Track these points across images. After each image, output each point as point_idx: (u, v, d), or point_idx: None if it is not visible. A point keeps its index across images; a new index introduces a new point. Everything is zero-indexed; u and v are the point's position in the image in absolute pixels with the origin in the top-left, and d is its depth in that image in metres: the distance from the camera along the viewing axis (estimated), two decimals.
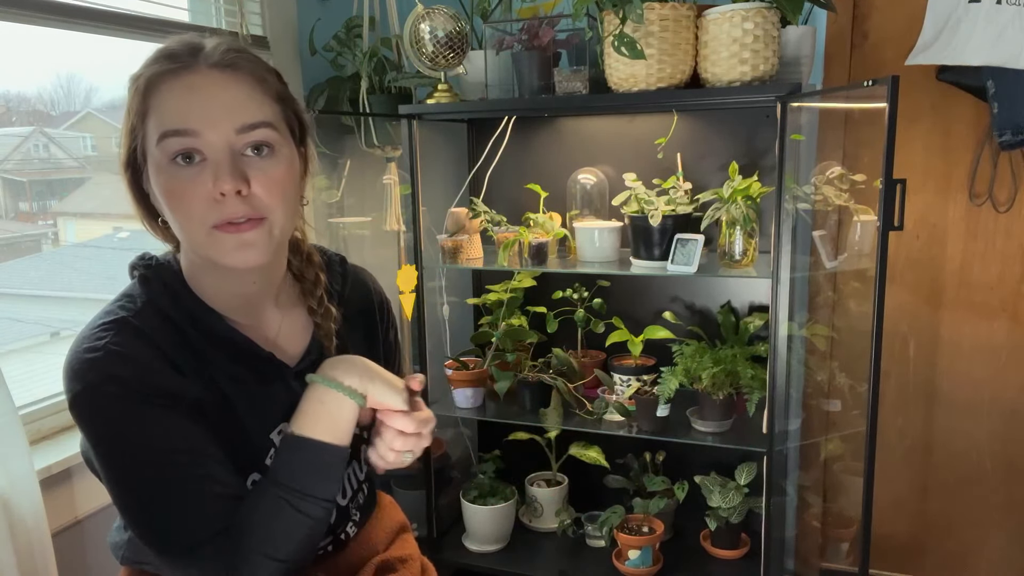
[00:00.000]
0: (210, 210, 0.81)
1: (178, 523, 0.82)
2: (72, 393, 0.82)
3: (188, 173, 0.81)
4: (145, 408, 0.81)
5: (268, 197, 0.83)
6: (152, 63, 0.83)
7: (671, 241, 1.79)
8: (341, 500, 1.01)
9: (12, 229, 1.68)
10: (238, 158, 0.82)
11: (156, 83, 0.82)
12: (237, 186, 0.80)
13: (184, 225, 0.83)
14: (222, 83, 0.82)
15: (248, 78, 0.84)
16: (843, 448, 2.05)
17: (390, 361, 1.09)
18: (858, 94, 1.80)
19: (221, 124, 0.81)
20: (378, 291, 1.11)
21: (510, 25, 1.87)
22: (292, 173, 0.87)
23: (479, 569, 2.05)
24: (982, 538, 2.10)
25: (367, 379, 0.88)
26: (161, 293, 0.89)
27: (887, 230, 1.26)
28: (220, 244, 0.82)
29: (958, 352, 2.05)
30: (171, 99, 0.81)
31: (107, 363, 0.81)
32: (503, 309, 2.07)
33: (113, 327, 0.84)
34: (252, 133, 0.82)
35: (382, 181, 2.02)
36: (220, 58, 0.83)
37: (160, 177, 0.82)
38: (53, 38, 1.50)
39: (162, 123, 0.81)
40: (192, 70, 0.82)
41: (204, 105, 0.81)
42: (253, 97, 0.84)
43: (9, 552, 1.16)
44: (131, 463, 0.82)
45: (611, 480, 2.09)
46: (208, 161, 0.81)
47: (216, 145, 0.81)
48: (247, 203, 0.82)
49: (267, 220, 0.84)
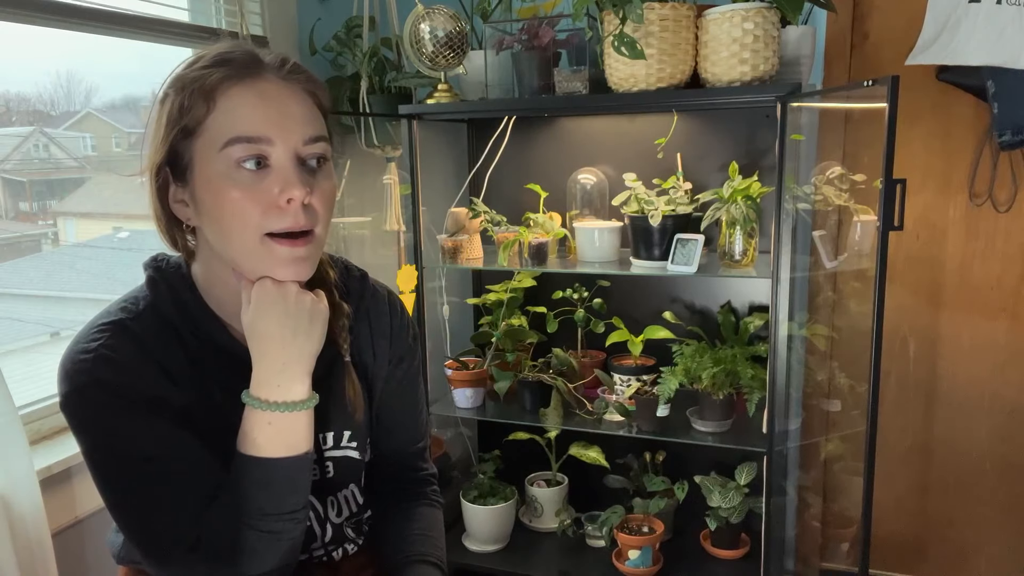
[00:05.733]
0: (269, 217, 0.81)
1: (159, 526, 0.83)
2: (62, 394, 0.83)
3: (253, 178, 0.80)
4: (131, 413, 0.82)
5: (322, 209, 0.84)
6: (213, 67, 0.81)
7: (671, 241, 1.79)
8: (335, 518, 1.01)
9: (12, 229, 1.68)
10: (303, 168, 0.83)
11: (222, 87, 0.80)
12: (307, 196, 0.81)
13: (236, 231, 0.81)
14: (290, 93, 0.83)
15: (308, 91, 0.85)
16: (843, 448, 2.05)
17: (407, 360, 1.08)
18: (858, 94, 1.79)
19: (293, 134, 0.81)
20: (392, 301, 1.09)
21: (510, 25, 1.87)
22: (335, 186, 0.88)
23: (479, 569, 2.05)
24: (982, 538, 2.10)
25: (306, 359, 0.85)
26: (166, 298, 0.89)
27: (887, 230, 1.26)
28: (273, 255, 0.82)
29: (958, 352, 2.05)
30: (243, 105, 0.80)
31: (96, 367, 0.81)
32: (503, 309, 2.07)
33: (108, 329, 0.84)
34: (315, 145, 0.83)
35: (382, 181, 2.03)
36: (288, 69, 0.84)
37: (218, 182, 0.80)
38: (53, 38, 1.50)
39: (232, 128, 0.80)
40: (261, 78, 0.82)
41: (279, 113, 0.81)
42: (315, 111, 0.85)
43: (9, 552, 1.16)
44: (115, 465, 0.83)
45: (611, 480, 2.09)
46: (272, 168, 0.81)
47: (285, 154, 0.81)
48: (306, 213, 0.82)
49: (315, 233, 0.84)
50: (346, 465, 1.00)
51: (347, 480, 1.02)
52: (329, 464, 0.99)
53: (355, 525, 1.04)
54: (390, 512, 1.09)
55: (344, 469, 1.00)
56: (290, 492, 0.85)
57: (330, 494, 1.00)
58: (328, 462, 0.98)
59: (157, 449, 0.83)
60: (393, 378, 1.06)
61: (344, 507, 1.02)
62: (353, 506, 1.03)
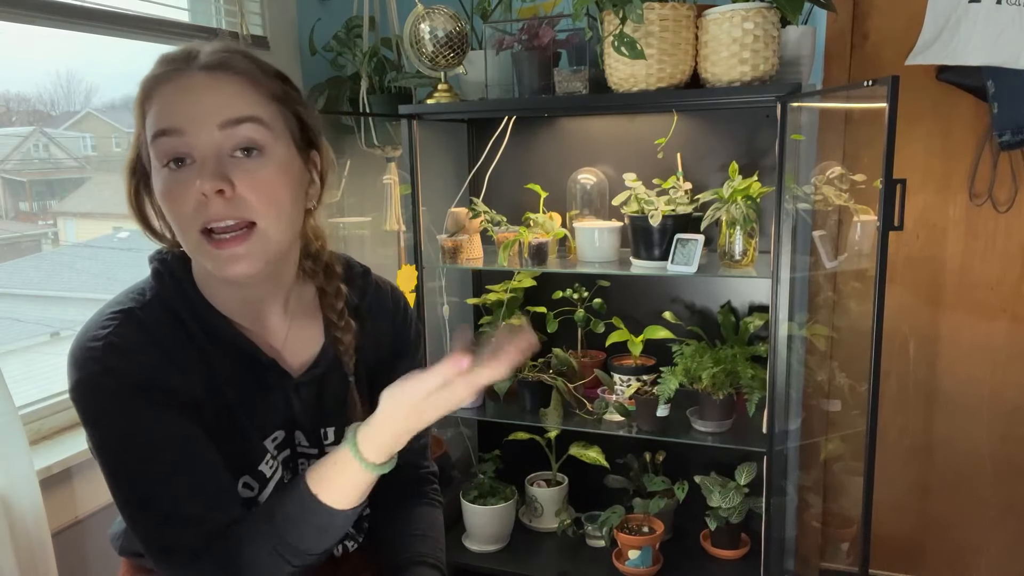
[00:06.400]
0: (196, 213, 0.80)
1: (162, 519, 0.82)
2: (71, 382, 0.83)
3: (179, 176, 0.80)
4: (139, 402, 0.82)
5: (256, 200, 0.81)
6: (152, 68, 0.84)
7: (671, 241, 1.79)
8: None
9: (12, 229, 1.68)
10: (224, 159, 0.81)
11: (152, 87, 0.82)
12: (218, 185, 0.78)
13: (177, 230, 0.83)
14: (210, 83, 0.82)
15: (238, 77, 0.83)
16: (843, 448, 2.05)
17: (409, 355, 1.08)
18: (858, 94, 1.80)
19: (205, 123, 0.80)
20: (396, 297, 1.09)
21: (510, 25, 1.87)
22: (285, 176, 0.85)
23: (479, 569, 2.05)
24: (982, 538, 2.10)
25: (406, 431, 0.83)
26: (171, 290, 0.89)
27: (887, 230, 1.26)
28: (212, 259, 0.82)
29: (958, 352, 2.05)
30: (162, 101, 0.81)
31: (106, 355, 0.81)
32: (503, 309, 2.07)
33: (118, 318, 0.84)
34: (237, 129, 0.81)
35: (382, 181, 2.02)
36: (209, 59, 0.83)
37: (157, 180, 0.82)
38: (53, 38, 1.50)
39: (154, 124, 0.81)
40: (184, 73, 0.82)
41: (191, 104, 0.81)
42: (241, 95, 0.83)
43: (9, 552, 1.16)
44: (122, 455, 0.83)
45: (611, 480, 2.09)
46: (195, 164, 0.80)
47: (202, 146, 0.80)
48: (232, 205, 0.80)
49: (257, 227, 0.82)
50: None
51: None
52: None
53: (356, 523, 1.04)
54: (390, 511, 1.08)
55: None
56: (334, 537, 0.86)
57: None
58: None
59: (165, 439, 0.82)
60: (395, 373, 1.06)
61: None
62: None
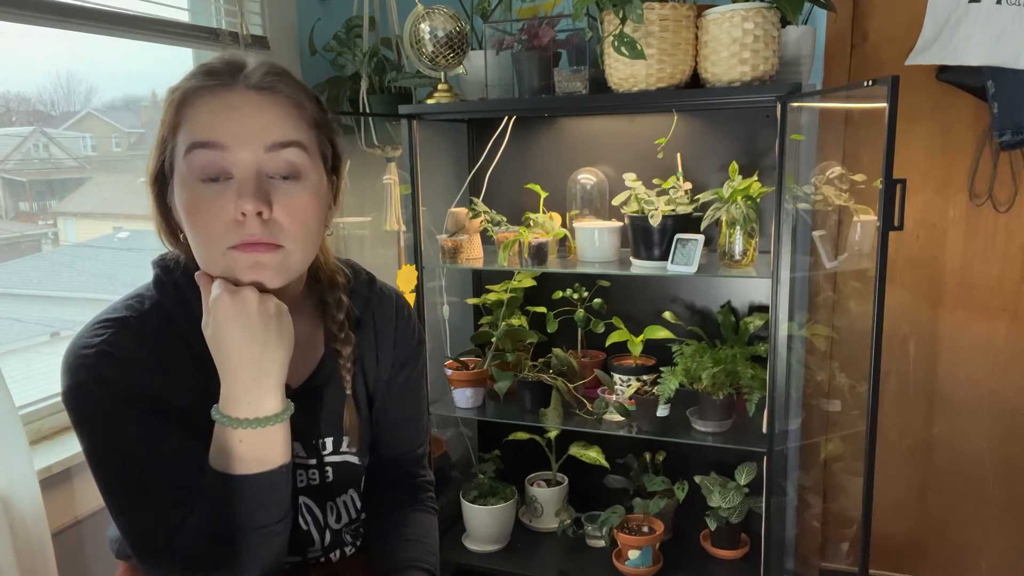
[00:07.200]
0: (229, 231, 0.80)
1: (148, 524, 0.83)
2: (63, 387, 0.83)
3: (212, 191, 0.79)
4: (129, 410, 0.82)
5: (289, 224, 0.81)
6: (191, 77, 0.83)
7: (671, 241, 1.79)
8: (334, 524, 1.01)
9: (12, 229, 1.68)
10: (264, 180, 0.81)
11: (192, 97, 0.81)
12: (259, 207, 0.78)
13: (202, 244, 0.82)
14: (258, 104, 0.81)
15: (285, 101, 0.83)
16: (843, 448, 2.05)
17: (410, 364, 1.07)
18: (858, 94, 1.79)
19: (251, 143, 0.80)
20: (400, 305, 1.09)
21: (510, 25, 1.87)
22: (318, 202, 0.85)
23: (479, 569, 2.05)
24: (982, 538, 2.10)
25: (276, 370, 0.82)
26: (171, 297, 0.89)
27: (887, 230, 1.26)
28: (235, 262, 0.81)
29: (958, 352, 2.05)
30: (204, 113, 0.80)
31: (97, 362, 0.82)
32: (503, 309, 2.07)
33: (112, 326, 0.85)
34: (281, 153, 0.81)
35: (382, 181, 2.02)
36: (259, 80, 0.82)
37: (184, 192, 0.81)
38: (53, 38, 1.50)
39: (192, 135, 0.80)
40: (230, 89, 0.81)
41: (237, 122, 0.80)
42: (287, 119, 0.83)
43: (9, 552, 1.16)
44: (110, 461, 0.83)
45: (611, 480, 2.09)
46: (233, 180, 0.80)
47: (243, 164, 0.80)
48: (266, 228, 0.80)
49: (283, 249, 0.82)
50: (346, 470, 1.00)
51: (346, 485, 1.02)
52: (328, 469, 0.98)
53: (353, 531, 1.04)
54: (385, 517, 1.08)
55: (344, 474, 1.00)
56: (260, 508, 0.83)
57: (329, 499, 1.00)
58: (328, 467, 0.98)
59: (152, 447, 0.83)
60: (395, 382, 1.06)
61: (344, 513, 1.02)
62: (352, 512, 1.03)
